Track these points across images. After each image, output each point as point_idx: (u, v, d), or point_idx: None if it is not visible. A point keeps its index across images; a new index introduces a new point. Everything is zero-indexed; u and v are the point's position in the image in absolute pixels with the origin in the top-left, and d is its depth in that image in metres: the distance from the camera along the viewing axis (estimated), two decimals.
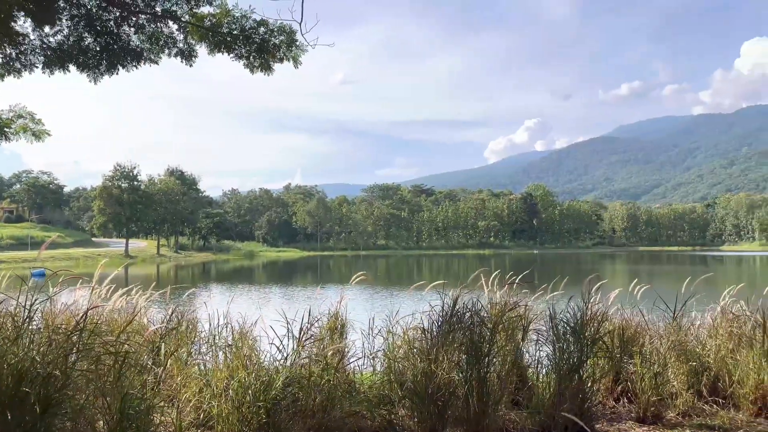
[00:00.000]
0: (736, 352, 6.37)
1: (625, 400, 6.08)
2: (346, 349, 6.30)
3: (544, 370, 5.70)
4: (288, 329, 5.48)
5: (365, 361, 6.37)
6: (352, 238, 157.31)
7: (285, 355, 5.14)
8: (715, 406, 6.02)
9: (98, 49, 8.85)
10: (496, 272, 7.43)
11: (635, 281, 7.59)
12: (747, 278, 44.26)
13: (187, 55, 9.27)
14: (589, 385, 5.42)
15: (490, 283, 7.23)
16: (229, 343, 5.55)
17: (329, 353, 5.40)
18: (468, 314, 5.23)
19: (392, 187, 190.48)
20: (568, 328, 5.51)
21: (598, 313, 5.85)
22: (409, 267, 73.72)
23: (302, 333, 5.34)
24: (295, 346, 5.23)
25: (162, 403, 4.90)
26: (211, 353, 5.84)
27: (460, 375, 5.06)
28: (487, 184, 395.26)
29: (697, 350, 6.54)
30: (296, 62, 8.87)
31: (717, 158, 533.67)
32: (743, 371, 6.09)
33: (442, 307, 5.32)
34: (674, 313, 6.92)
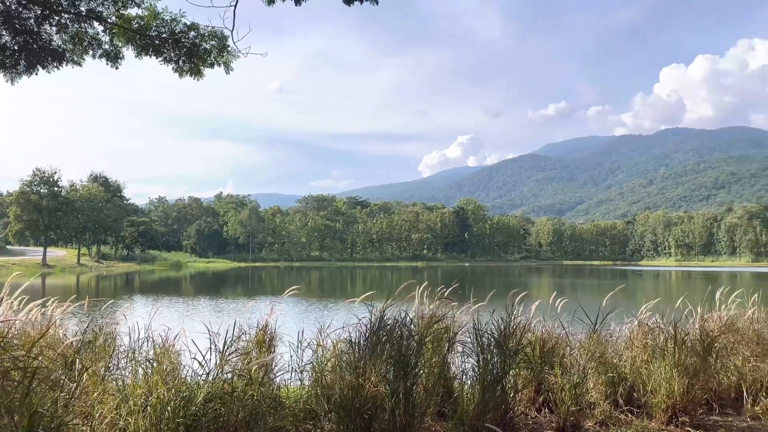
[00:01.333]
0: (650, 362, 6.69)
1: (547, 410, 6.25)
2: (274, 363, 6.20)
3: (469, 381, 5.80)
4: (212, 343, 5.33)
5: (293, 375, 6.29)
6: (286, 249, 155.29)
7: (208, 369, 4.99)
8: (630, 415, 6.29)
9: (16, 48, 8.41)
10: (424, 284, 7.51)
11: (554, 294, 7.86)
12: (663, 292, 46.80)
13: (113, 57, 8.96)
14: (512, 395, 5.55)
15: (419, 295, 7.31)
16: (150, 357, 5.35)
17: (254, 367, 5.28)
18: (396, 327, 5.25)
19: (327, 199, 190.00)
20: (492, 339, 5.64)
21: (520, 325, 6.01)
22: (343, 279, 73.45)
23: (226, 347, 5.20)
24: (218, 360, 5.09)
25: (75, 421, 4.64)
26: (130, 368, 5.62)
27: (387, 387, 5.06)
28: (422, 197, 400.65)
29: (615, 361, 6.83)
30: (228, 68, 8.73)
31: (637, 177, 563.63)
32: (656, 381, 6.41)
33: (370, 320, 5.32)
34: (595, 326, 7.20)
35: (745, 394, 6.85)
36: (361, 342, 5.22)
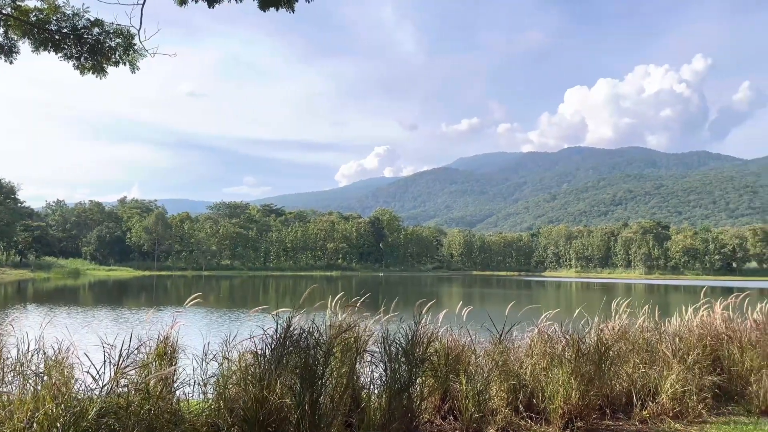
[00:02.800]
0: (548, 370, 7.01)
1: (452, 417, 6.39)
2: (175, 376, 5.95)
3: (376, 391, 5.82)
4: (107, 355, 5.04)
5: (196, 388, 6.06)
6: (194, 257, 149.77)
7: (102, 383, 4.71)
8: (530, 420, 6.55)
9: None
10: (340, 294, 7.48)
11: (460, 303, 8.07)
12: (564, 302, 49.23)
13: (8, 51, 8.36)
14: (418, 403, 5.62)
15: (331, 304, 7.27)
16: (40, 370, 4.99)
17: (152, 381, 5.04)
18: (303, 337, 5.19)
19: (240, 206, 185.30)
20: (400, 348, 5.70)
21: (428, 334, 6.12)
22: (255, 288, 71.83)
23: (122, 359, 4.93)
24: (113, 374, 4.81)
25: None
26: (17, 382, 5.22)
27: (294, 399, 4.99)
28: (338, 206, 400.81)
29: (517, 369, 7.10)
30: (133, 67, 8.35)
31: (542, 192, 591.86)
32: (554, 388, 6.71)
33: (276, 330, 5.23)
34: (500, 334, 7.45)
35: (634, 399, 7.32)
36: (267, 353, 5.12)
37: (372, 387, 5.88)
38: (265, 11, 7.75)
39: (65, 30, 8.08)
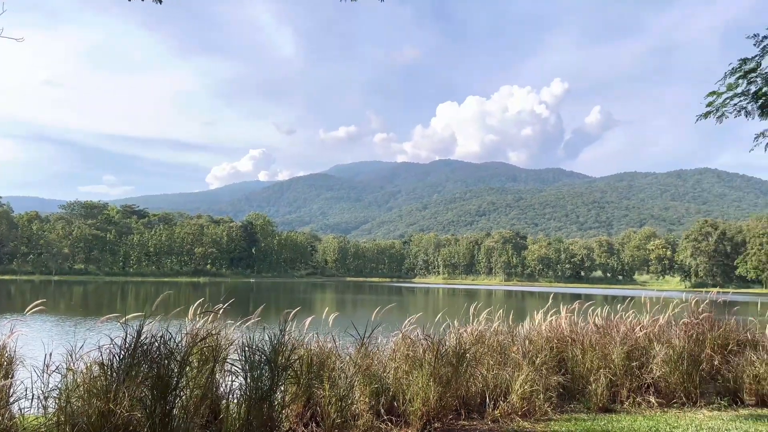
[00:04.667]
0: (410, 373, 7.21)
1: (314, 424, 6.35)
2: (12, 389, 5.40)
3: (236, 400, 5.64)
4: None
5: (35, 403, 5.51)
6: (43, 260, 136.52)
7: None
8: (390, 423, 6.69)
9: None
10: (200, 300, 7.17)
11: (327, 309, 8.09)
12: (431, 307, 51.11)
13: None
14: (280, 411, 5.53)
15: (191, 311, 6.95)
16: None
17: None
18: (156, 346, 4.90)
19: (98, 206, 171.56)
20: (263, 356, 5.58)
21: (292, 341, 6.05)
22: (112, 295, 66.92)
23: None
24: None
25: None
26: None
27: (145, 412, 4.69)
28: (208, 209, 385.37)
29: (380, 373, 7.22)
30: None
31: (414, 202, 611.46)
32: (414, 390, 6.92)
33: (125, 339, 4.89)
34: (362, 339, 7.54)
35: (487, 399, 7.74)
36: (116, 364, 4.77)
37: (232, 396, 5.69)
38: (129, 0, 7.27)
39: None
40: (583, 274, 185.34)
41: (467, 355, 7.72)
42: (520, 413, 7.57)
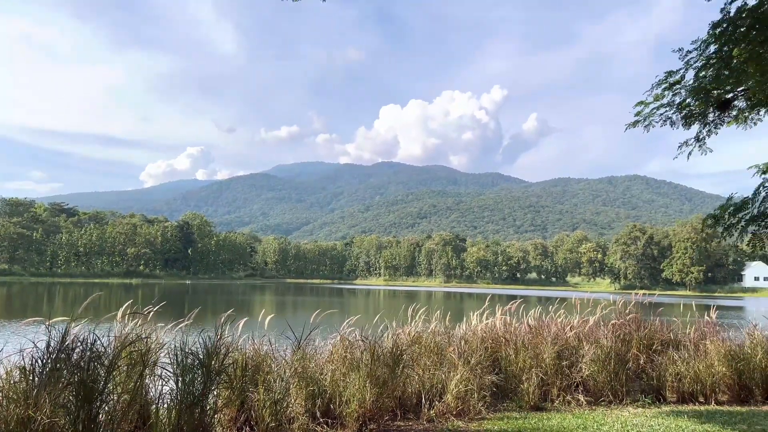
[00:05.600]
0: (347, 375, 7.20)
1: (248, 428, 6.25)
2: None
3: (166, 405, 5.48)
4: None
5: None
6: None
7: None
8: (326, 426, 6.66)
9: None
10: (136, 302, 6.92)
11: (263, 311, 7.97)
12: (372, 309, 51.21)
13: None
14: (212, 416, 5.40)
15: (120, 314, 6.69)
16: None
17: None
18: (81, 349, 4.70)
19: (24, 203, 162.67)
20: (196, 360, 5.44)
21: (227, 344, 5.92)
22: (38, 296, 63.62)
23: None
24: None
25: None
26: None
27: (68, 418, 4.49)
28: (142, 208, 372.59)
29: (317, 375, 7.18)
30: None
31: (356, 203, 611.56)
32: (351, 392, 6.91)
33: (48, 343, 4.67)
34: (299, 342, 7.48)
35: (423, 399, 7.83)
36: (38, 368, 4.54)
37: (162, 401, 5.52)
38: None
39: None
40: (519, 275, 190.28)
41: (404, 356, 7.78)
42: (454, 413, 7.69)
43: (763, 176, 8.88)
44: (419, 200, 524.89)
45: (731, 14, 7.46)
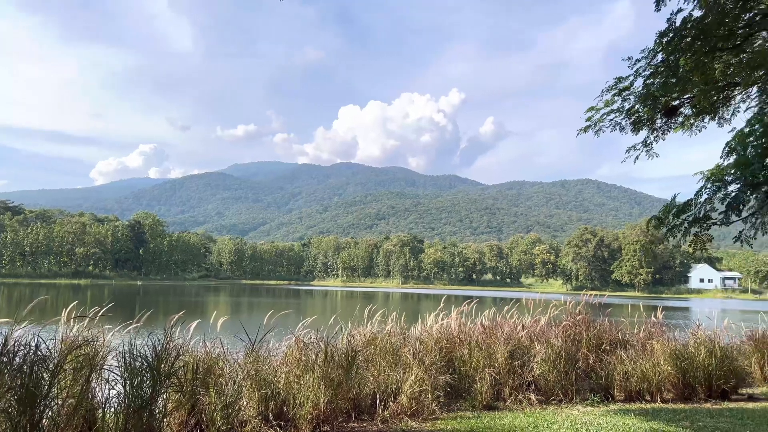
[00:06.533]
0: (301, 377, 7.15)
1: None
2: None
3: (113, 409, 5.33)
4: None
5: None
6: None
7: None
8: (279, 429, 6.60)
9: None
10: (83, 304, 6.71)
11: (215, 313, 7.85)
12: (329, 310, 50.99)
13: None
14: (161, 420, 5.29)
15: (64, 315, 6.48)
16: None
17: None
18: (23, 353, 4.53)
19: None
20: (144, 363, 5.32)
21: (177, 347, 5.81)
22: None
23: None
24: None
25: None
26: None
27: (9, 424, 4.32)
28: (91, 207, 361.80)
29: (271, 378, 7.11)
30: None
31: (314, 204, 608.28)
32: (305, 394, 6.87)
33: None
34: (252, 344, 7.39)
35: (378, 400, 7.84)
36: None
37: (109, 406, 5.37)
38: None
39: None
40: (475, 277, 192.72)
41: (359, 357, 7.78)
42: (409, 413, 7.73)
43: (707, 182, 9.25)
44: (378, 201, 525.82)
45: (677, 24, 7.71)
